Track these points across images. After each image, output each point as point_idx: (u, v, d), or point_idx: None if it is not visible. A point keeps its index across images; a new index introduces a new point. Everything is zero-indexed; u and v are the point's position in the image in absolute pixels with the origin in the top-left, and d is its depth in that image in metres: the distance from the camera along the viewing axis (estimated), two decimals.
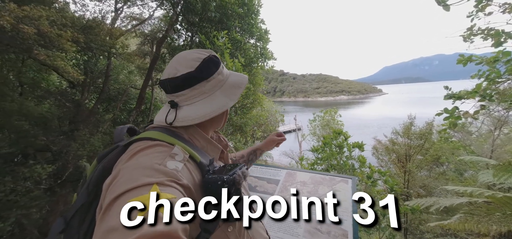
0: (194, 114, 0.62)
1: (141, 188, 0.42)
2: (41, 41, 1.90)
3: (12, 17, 1.63)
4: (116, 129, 0.68)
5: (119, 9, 6.34)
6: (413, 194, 6.26)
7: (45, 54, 2.03)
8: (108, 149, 0.61)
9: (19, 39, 1.70)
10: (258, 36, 4.59)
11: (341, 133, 3.63)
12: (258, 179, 1.77)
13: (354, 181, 1.65)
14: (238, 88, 0.71)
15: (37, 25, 1.77)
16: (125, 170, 0.47)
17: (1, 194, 2.38)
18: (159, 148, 0.54)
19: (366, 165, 3.67)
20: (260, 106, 5.81)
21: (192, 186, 0.52)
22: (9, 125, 2.70)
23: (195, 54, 0.66)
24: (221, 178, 0.53)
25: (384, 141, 9.60)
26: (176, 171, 0.49)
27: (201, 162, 0.58)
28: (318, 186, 1.62)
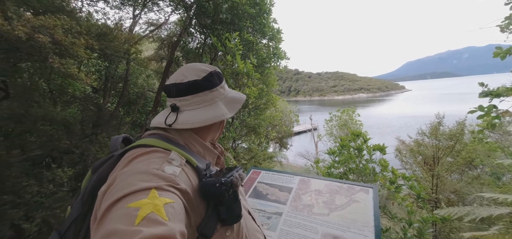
0: (194, 119, 0.64)
1: (139, 192, 0.42)
2: (56, 50, 2.00)
3: (29, 27, 1.73)
4: (112, 138, 0.68)
5: (137, 16, 6.61)
6: (443, 199, 5.75)
7: (59, 62, 2.12)
8: (103, 159, 0.61)
9: (36, 48, 1.80)
10: (270, 36, 4.49)
11: (360, 134, 3.40)
12: (270, 186, 1.67)
13: (375, 190, 1.49)
14: (237, 103, 0.74)
15: (52, 34, 1.85)
16: (123, 176, 0.47)
17: (28, 196, 2.54)
18: (156, 154, 0.54)
19: (388, 169, 3.41)
20: (273, 107, 5.70)
21: (190, 190, 0.51)
22: (36, 129, 2.88)
23: (203, 67, 0.71)
24: (218, 180, 0.53)
25: (408, 142, 8.99)
26: (174, 176, 0.49)
27: (198, 166, 0.58)
28: (335, 196, 1.48)
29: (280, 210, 1.43)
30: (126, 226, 0.36)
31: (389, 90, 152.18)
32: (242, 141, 6.06)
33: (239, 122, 4.85)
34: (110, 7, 5.96)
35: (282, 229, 1.30)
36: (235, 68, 2.84)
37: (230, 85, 3.00)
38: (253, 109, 4.97)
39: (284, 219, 1.36)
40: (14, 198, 2.54)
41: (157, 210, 0.40)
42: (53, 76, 4.36)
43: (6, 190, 2.53)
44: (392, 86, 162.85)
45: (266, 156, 6.50)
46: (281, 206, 1.46)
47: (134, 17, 6.51)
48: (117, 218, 0.38)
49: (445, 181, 6.07)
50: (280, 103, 9.73)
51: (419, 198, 3.09)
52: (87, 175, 0.60)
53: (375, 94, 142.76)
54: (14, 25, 1.68)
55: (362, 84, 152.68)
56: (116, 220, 0.38)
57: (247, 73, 2.79)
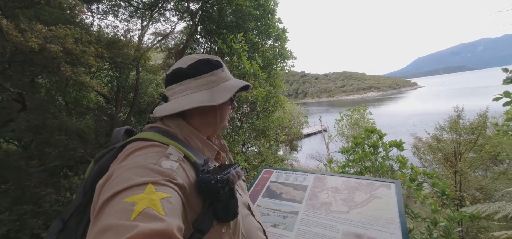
0: (167, 107, 0.63)
1: (136, 187, 0.42)
2: (67, 59, 2.06)
3: (41, 37, 1.79)
4: (114, 130, 0.68)
5: (145, 27, 6.82)
6: (468, 197, 5.39)
7: (70, 70, 2.19)
8: (105, 150, 0.61)
9: (49, 58, 1.87)
10: (275, 36, 4.46)
11: (375, 130, 3.27)
12: (283, 185, 1.60)
13: (398, 185, 1.39)
14: (227, 91, 0.67)
15: (63, 43, 1.92)
16: (120, 170, 0.47)
17: (47, 205, 2.60)
18: (154, 148, 0.53)
19: (407, 166, 3.24)
20: (282, 108, 5.64)
21: (187, 186, 0.51)
22: (52, 140, 2.96)
23: (195, 56, 0.69)
24: (214, 177, 0.53)
25: (426, 138, 8.60)
26: (171, 170, 0.49)
27: (196, 162, 0.58)
28: (354, 193, 1.39)
29: (295, 209, 1.36)
30: (122, 221, 0.36)
31: (400, 88, 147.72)
32: (252, 144, 6.01)
33: (248, 125, 4.82)
34: (119, 20, 6.19)
35: (300, 228, 1.23)
36: (242, 69, 2.82)
37: None
38: (261, 112, 4.93)
39: (301, 218, 1.28)
40: (34, 207, 2.62)
41: (154, 205, 0.39)
42: (68, 89, 4.55)
43: (26, 200, 2.61)
44: (403, 83, 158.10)
45: (276, 158, 6.41)
46: (297, 204, 1.39)
47: (142, 28, 6.71)
48: (113, 212, 0.38)
49: (469, 178, 5.70)
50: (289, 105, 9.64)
51: (443, 195, 2.90)
52: (90, 165, 0.60)
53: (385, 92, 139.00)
54: (27, 37, 1.76)
55: (372, 83, 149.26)
56: (112, 215, 0.38)
57: (254, 73, 2.76)
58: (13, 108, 2.53)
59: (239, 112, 4.93)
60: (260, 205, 1.46)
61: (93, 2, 4.68)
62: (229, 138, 4.03)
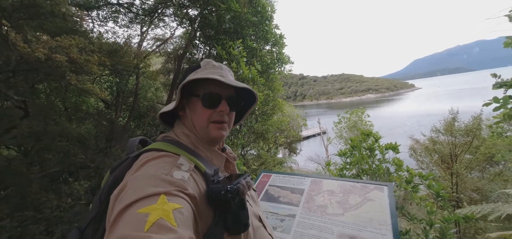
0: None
1: (149, 198, 0.43)
2: (72, 67, 2.12)
3: (47, 48, 1.85)
4: (129, 140, 0.69)
5: (145, 32, 6.88)
6: (465, 199, 5.45)
7: (76, 79, 2.25)
8: (120, 160, 0.64)
9: (53, 68, 1.92)
10: (273, 42, 4.55)
11: (371, 134, 3.33)
12: (281, 189, 1.65)
13: (391, 188, 1.44)
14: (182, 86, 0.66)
15: (67, 53, 1.98)
16: (133, 181, 0.48)
17: (48, 211, 2.62)
18: (165, 158, 0.55)
19: (403, 168, 3.29)
20: (280, 112, 5.70)
21: (198, 196, 0.51)
22: (53, 146, 3.00)
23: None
24: (224, 188, 0.53)
25: (423, 140, 8.69)
26: (183, 181, 0.50)
27: (206, 172, 0.59)
28: (348, 195, 1.45)
29: (293, 212, 1.41)
30: (136, 232, 0.37)
31: (398, 90, 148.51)
32: (251, 147, 6.05)
33: (247, 128, 4.87)
34: (119, 26, 6.25)
35: (297, 231, 1.28)
36: (240, 75, 2.88)
37: None
38: (260, 115, 4.98)
39: (298, 221, 1.33)
40: (35, 213, 2.64)
41: (166, 216, 0.40)
42: (68, 95, 4.58)
43: (27, 206, 2.63)
44: (401, 85, 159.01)
45: (276, 161, 6.45)
46: (294, 208, 1.44)
47: (141, 34, 6.77)
48: (127, 223, 0.39)
49: (465, 179, 5.77)
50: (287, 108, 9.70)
51: (438, 197, 2.96)
52: (106, 176, 0.63)
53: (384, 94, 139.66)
54: (33, 47, 1.81)
55: (370, 85, 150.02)
56: (126, 226, 0.39)
57: (252, 78, 2.82)
58: (16, 115, 2.57)
59: None
60: None
61: (94, 9, 4.75)
62: (228, 142, 4.08)
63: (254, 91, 0.77)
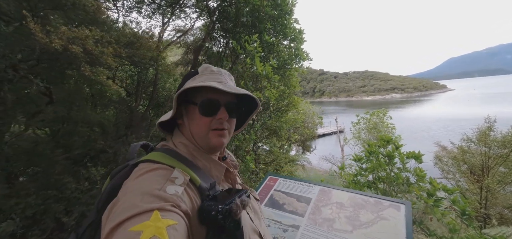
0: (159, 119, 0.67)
1: (142, 215, 0.42)
2: (87, 59, 2.20)
3: (64, 39, 1.93)
4: (131, 145, 0.69)
5: (166, 23, 7.04)
6: (494, 215, 4.95)
7: (90, 70, 2.33)
8: (120, 167, 0.63)
9: (71, 57, 2.01)
10: (291, 37, 4.37)
11: (390, 140, 3.09)
12: (287, 195, 1.58)
13: (409, 207, 1.30)
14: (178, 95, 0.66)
15: (83, 44, 2.05)
16: (126, 197, 0.47)
17: (68, 192, 2.81)
18: (159, 172, 0.54)
19: (426, 180, 3.04)
20: (295, 109, 5.54)
21: (191, 212, 0.50)
22: (76, 131, 3.19)
23: None
24: (216, 208, 0.50)
25: (451, 148, 8.01)
26: (176, 196, 0.49)
27: (201, 186, 0.57)
28: (360, 211, 1.33)
29: (297, 222, 1.34)
30: None
31: (427, 90, 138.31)
32: (264, 143, 6.00)
33: (260, 124, 4.81)
34: (143, 17, 6.48)
35: None
36: (255, 71, 2.80)
37: (249, 88, 2.97)
38: (274, 112, 4.89)
39: (302, 233, 1.26)
40: (57, 193, 2.85)
41: (160, 233, 0.39)
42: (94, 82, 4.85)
43: (50, 186, 2.85)
44: (431, 85, 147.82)
45: (288, 159, 6.35)
46: (299, 218, 1.36)
47: (163, 24, 6.94)
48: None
49: (497, 195, 5.22)
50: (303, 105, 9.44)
51: (464, 215, 2.69)
52: (106, 181, 0.62)
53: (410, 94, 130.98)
54: (51, 38, 1.90)
55: (395, 84, 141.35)
56: None
57: (266, 75, 2.73)
58: (41, 101, 2.76)
59: None
60: None
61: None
62: (241, 137, 4.06)
63: (255, 97, 0.75)
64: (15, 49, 2.09)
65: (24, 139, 2.83)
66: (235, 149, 4.41)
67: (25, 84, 2.41)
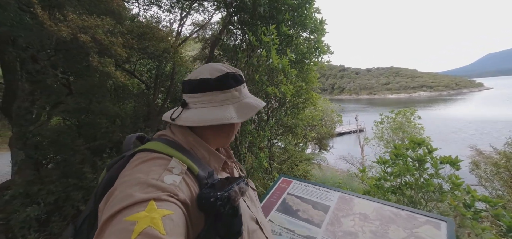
0: (196, 117, 0.62)
1: (137, 205, 0.42)
2: (96, 49, 2.19)
3: (73, 27, 1.93)
4: (126, 138, 0.69)
5: (184, 17, 7.11)
6: None
7: (98, 61, 2.33)
8: (116, 158, 0.63)
9: (84, 47, 2.02)
10: (312, 28, 4.09)
11: (423, 143, 2.76)
12: (301, 201, 1.41)
13: (451, 225, 1.07)
14: (251, 109, 0.69)
15: (93, 33, 2.04)
16: (122, 186, 0.47)
17: (87, 181, 2.90)
18: (157, 161, 0.54)
19: (462, 189, 2.68)
20: (313, 106, 5.27)
21: (190, 201, 0.50)
22: (96, 122, 3.29)
23: (220, 67, 0.68)
24: (214, 195, 0.50)
25: (488, 152, 7.19)
26: (174, 186, 0.49)
27: (199, 174, 0.57)
28: (389, 226, 1.13)
29: (312, 233, 1.17)
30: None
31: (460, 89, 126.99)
32: (278, 140, 5.83)
33: (275, 121, 4.64)
34: (163, 11, 6.62)
35: None
36: (270, 64, 2.63)
37: (264, 82, 2.81)
38: (290, 108, 4.68)
39: None
40: (77, 181, 2.96)
41: (155, 224, 0.39)
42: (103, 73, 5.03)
43: (71, 174, 2.97)
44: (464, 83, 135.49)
45: (303, 157, 6.11)
46: (314, 228, 1.20)
47: (181, 18, 7.02)
48: (114, 233, 0.38)
49: None
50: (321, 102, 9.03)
51: (510, 232, 2.32)
52: (103, 173, 0.62)
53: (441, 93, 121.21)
54: (59, 26, 1.91)
55: (424, 81, 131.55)
56: (112, 235, 0.38)
57: (283, 69, 2.54)
58: (62, 92, 2.87)
59: (268, 107, 4.78)
60: (272, 220, 1.31)
61: None
62: (255, 133, 3.93)
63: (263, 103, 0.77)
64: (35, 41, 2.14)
65: (47, 129, 2.98)
66: (249, 145, 4.29)
67: (46, 75, 2.50)
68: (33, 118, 3.04)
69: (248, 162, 4.30)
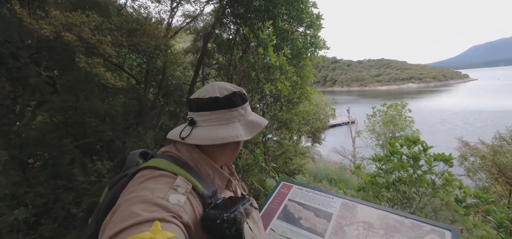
0: (206, 135, 0.62)
1: (142, 224, 0.41)
2: (82, 48, 2.04)
3: (56, 24, 1.77)
4: (129, 154, 0.68)
5: (175, 8, 6.80)
6: None
7: (85, 61, 2.18)
8: (118, 176, 0.61)
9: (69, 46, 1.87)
10: (308, 23, 4.00)
11: (418, 141, 2.80)
12: (303, 208, 1.39)
13: (456, 235, 1.07)
14: (256, 127, 0.71)
15: (78, 32, 1.88)
16: (126, 204, 0.46)
17: (77, 182, 2.78)
18: (162, 179, 0.53)
19: (455, 185, 2.75)
20: (307, 100, 5.25)
21: (192, 223, 0.50)
22: (83, 121, 3.13)
23: (228, 86, 0.70)
24: (220, 216, 0.50)
25: (474, 143, 7.50)
26: (179, 206, 0.48)
27: (204, 194, 0.56)
28: (393, 235, 1.12)
29: None
30: None
31: (447, 80, 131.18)
32: (274, 135, 5.82)
33: (270, 116, 4.59)
34: (151, 1, 6.28)
35: None
36: (267, 62, 2.56)
37: (261, 80, 2.74)
38: (285, 104, 4.63)
39: None
40: (67, 183, 2.84)
41: None
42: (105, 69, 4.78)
43: (60, 176, 2.84)
44: (451, 74, 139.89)
45: (297, 151, 6.15)
46: (318, 238, 1.18)
47: (171, 9, 6.71)
48: None
49: None
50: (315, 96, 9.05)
51: (500, 228, 2.41)
52: (105, 191, 0.61)
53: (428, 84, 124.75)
54: (40, 24, 1.75)
55: (413, 73, 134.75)
56: None
57: (280, 66, 2.48)
58: (46, 90, 2.69)
59: (263, 102, 4.72)
60: (274, 229, 1.28)
61: None
62: None
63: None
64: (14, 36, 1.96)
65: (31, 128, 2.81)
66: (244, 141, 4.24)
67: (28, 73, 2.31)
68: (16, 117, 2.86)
69: (243, 158, 4.27)
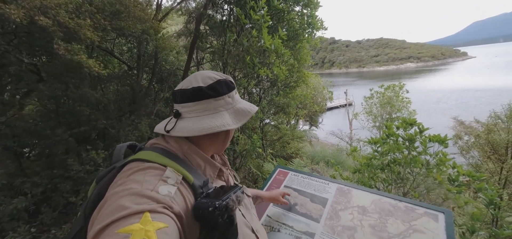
0: (192, 127, 0.61)
1: (131, 216, 0.40)
2: (60, 34, 1.90)
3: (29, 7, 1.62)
4: (116, 147, 0.67)
5: None
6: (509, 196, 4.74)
7: (64, 48, 2.04)
8: (105, 170, 0.60)
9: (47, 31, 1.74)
10: (305, 2, 3.81)
11: (414, 123, 2.80)
12: (299, 194, 1.39)
13: (449, 217, 1.08)
14: (245, 115, 0.69)
15: (54, 15, 1.74)
16: (115, 197, 0.45)
17: (74, 172, 2.77)
18: (151, 171, 0.52)
19: (448, 165, 2.80)
20: (305, 84, 5.17)
21: (184, 213, 0.50)
22: (74, 110, 3.05)
23: (213, 75, 0.68)
24: (212, 204, 0.50)
25: (469, 122, 7.58)
26: (169, 197, 0.48)
27: (194, 184, 0.56)
28: (387, 219, 1.13)
29: (311, 229, 1.16)
30: None
31: (445, 58, 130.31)
32: (271, 119, 5.79)
33: (267, 101, 4.54)
34: None
35: None
36: (262, 45, 2.45)
37: (256, 64, 2.65)
38: (282, 88, 4.56)
39: None
40: (63, 172, 2.82)
41: (149, 237, 0.38)
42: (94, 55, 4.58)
43: (55, 165, 2.81)
44: (450, 53, 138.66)
45: (294, 135, 6.17)
46: (313, 223, 1.18)
47: None
48: None
49: None
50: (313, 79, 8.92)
51: (491, 205, 2.49)
52: (92, 185, 0.60)
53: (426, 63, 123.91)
54: (10, 8, 1.61)
55: (412, 52, 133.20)
56: None
57: (275, 50, 2.38)
58: (31, 79, 2.58)
59: (259, 87, 4.63)
60: (270, 216, 1.28)
61: None
62: None
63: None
64: None
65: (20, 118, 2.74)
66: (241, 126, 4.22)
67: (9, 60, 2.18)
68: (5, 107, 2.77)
69: (241, 144, 4.27)
